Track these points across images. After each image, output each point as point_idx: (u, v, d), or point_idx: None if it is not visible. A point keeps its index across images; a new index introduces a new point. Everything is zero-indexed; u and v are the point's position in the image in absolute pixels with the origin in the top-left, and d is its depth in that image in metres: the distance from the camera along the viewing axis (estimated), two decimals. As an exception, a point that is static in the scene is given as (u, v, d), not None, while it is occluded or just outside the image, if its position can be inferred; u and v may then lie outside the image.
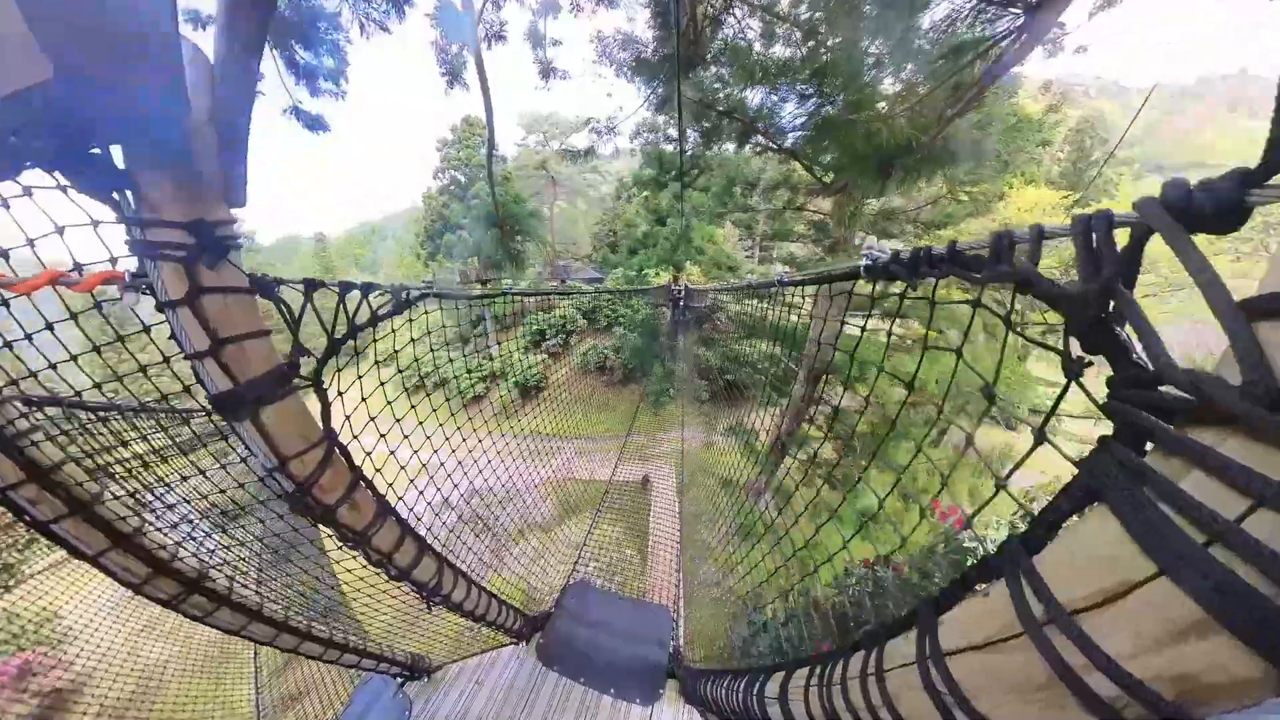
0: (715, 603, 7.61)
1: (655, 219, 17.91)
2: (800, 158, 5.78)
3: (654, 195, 17.80)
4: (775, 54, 4.54)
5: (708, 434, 12.55)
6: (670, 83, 4.94)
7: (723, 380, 17.71)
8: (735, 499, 9.21)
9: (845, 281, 1.14)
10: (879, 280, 0.97)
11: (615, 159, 51.66)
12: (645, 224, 19.45)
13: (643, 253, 20.03)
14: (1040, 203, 10.19)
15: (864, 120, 2.48)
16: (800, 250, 9.58)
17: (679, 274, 18.41)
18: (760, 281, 2.19)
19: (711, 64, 4.89)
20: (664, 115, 10.35)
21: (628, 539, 8.03)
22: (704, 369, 16.40)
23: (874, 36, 3.11)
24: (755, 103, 5.84)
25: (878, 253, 0.95)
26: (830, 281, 1.30)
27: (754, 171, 8.26)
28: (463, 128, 22.73)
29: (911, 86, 2.66)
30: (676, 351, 10.77)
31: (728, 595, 6.96)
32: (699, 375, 16.70)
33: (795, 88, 4.73)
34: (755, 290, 2.35)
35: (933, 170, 2.68)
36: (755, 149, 6.19)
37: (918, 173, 2.72)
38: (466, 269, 23.89)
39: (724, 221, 17.86)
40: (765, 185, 7.77)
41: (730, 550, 7.86)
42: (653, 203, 17.72)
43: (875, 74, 2.97)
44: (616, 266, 23.21)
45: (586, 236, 34.81)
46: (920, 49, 2.45)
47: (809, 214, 7.76)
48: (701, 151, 9.90)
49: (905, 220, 6.97)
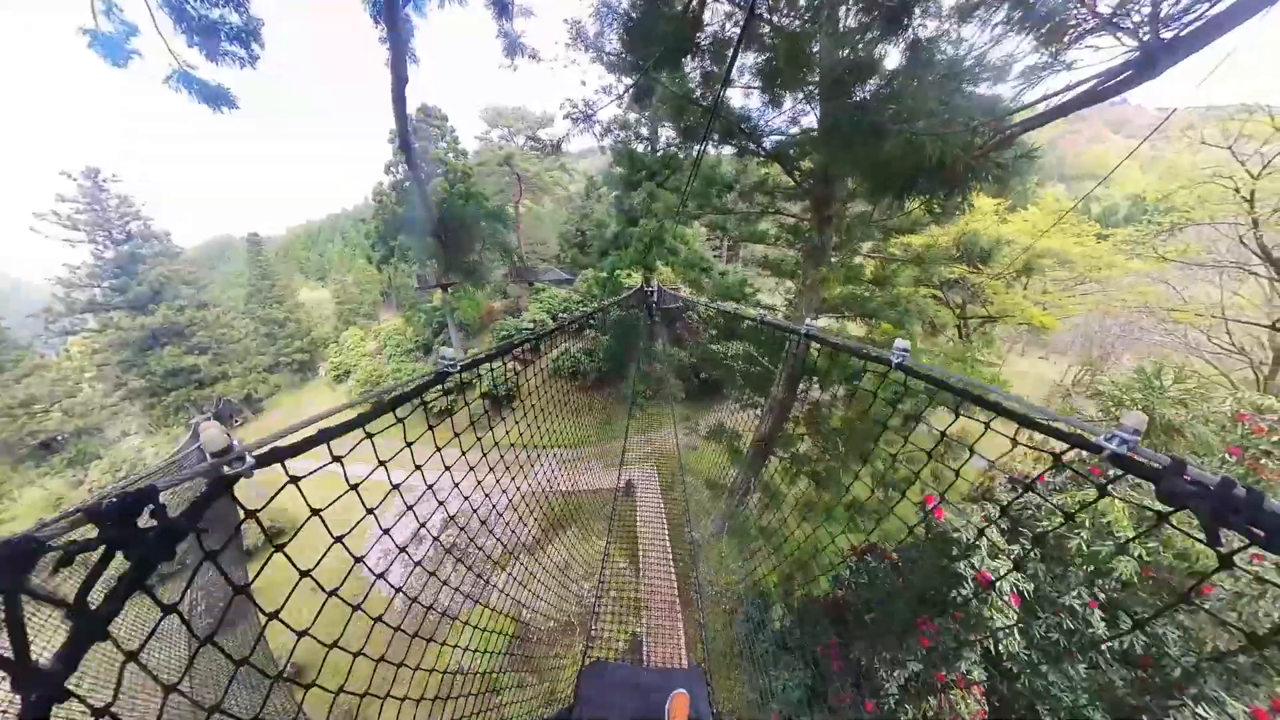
0: (713, 600, 7.55)
1: (627, 219, 17.70)
2: (782, 161, 5.80)
3: (625, 195, 17.58)
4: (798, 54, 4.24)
5: (689, 435, 12.59)
6: (651, 72, 4.67)
7: (698, 379, 17.82)
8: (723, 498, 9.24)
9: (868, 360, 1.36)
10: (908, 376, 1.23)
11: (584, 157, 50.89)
12: (616, 224, 19.19)
13: (614, 254, 19.78)
14: (983, 207, 11.08)
15: (901, 134, 2.38)
16: (773, 252, 9.77)
17: (651, 275, 18.35)
18: (779, 323, 2.10)
19: (706, 53, 4.64)
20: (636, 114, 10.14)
21: (617, 549, 7.84)
22: (680, 369, 16.47)
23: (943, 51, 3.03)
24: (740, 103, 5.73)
25: (902, 350, 1.24)
26: (862, 358, 1.44)
27: (731, 173, 8.30)
28: (419, 117, 21.19)
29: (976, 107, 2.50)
30: (652, 353, 10.68)
31: (725, 594, 6.92)
32: (675, 375, 16.74)
33: (803, 91, 4.61)
34: (769, 325, 2.24)
35: (952, 190, 2.66)
36: (736, 150, 6.13)
37: (931, 191, 2.69)
38: (425, 273, 22.39)
39: (692, 221, 18.00)
40: (743, 188, 7.80)
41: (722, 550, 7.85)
42: (625, 203, 17.49)
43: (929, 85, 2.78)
44: (586, 268, 22.78)
45: (554, 237, 33.98)
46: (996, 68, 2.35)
47: (784, 218, 7.89)
48: (675, 151, 9.82)
49: (874, 226, 7.25)
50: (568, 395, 6.52)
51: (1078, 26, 1.94)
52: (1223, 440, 3.90)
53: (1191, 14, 1.67)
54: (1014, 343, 23.45)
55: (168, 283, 20.96)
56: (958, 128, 2.40)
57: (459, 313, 22.35)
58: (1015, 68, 2.18)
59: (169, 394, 20.04)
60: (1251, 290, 10.85)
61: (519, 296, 25.07)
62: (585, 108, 5.97)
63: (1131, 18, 1.80)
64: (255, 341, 29.80)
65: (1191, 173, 9.52)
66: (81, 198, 19.98)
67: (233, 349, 22.46)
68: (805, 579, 4.45)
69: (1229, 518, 0.62)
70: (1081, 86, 2.05)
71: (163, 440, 19.94)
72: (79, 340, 20.77)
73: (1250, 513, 0.60)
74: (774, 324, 2.24)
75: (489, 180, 25.34)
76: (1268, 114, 8.10)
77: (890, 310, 7.79)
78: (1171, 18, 1.72)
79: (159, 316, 19.99)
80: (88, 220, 19.98)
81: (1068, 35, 1.96)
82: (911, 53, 3.40)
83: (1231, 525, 0.62)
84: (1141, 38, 1.80)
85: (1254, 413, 3.97)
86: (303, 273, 59.47)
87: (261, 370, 24.66)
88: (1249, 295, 11.02)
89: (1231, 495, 0.62)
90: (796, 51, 4.10)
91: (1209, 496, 0.64)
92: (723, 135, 5.75)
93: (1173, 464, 0.73)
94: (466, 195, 19.38)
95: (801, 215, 7.43)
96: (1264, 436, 3.81)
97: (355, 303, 42.00)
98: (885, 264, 8.48)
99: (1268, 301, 10.48)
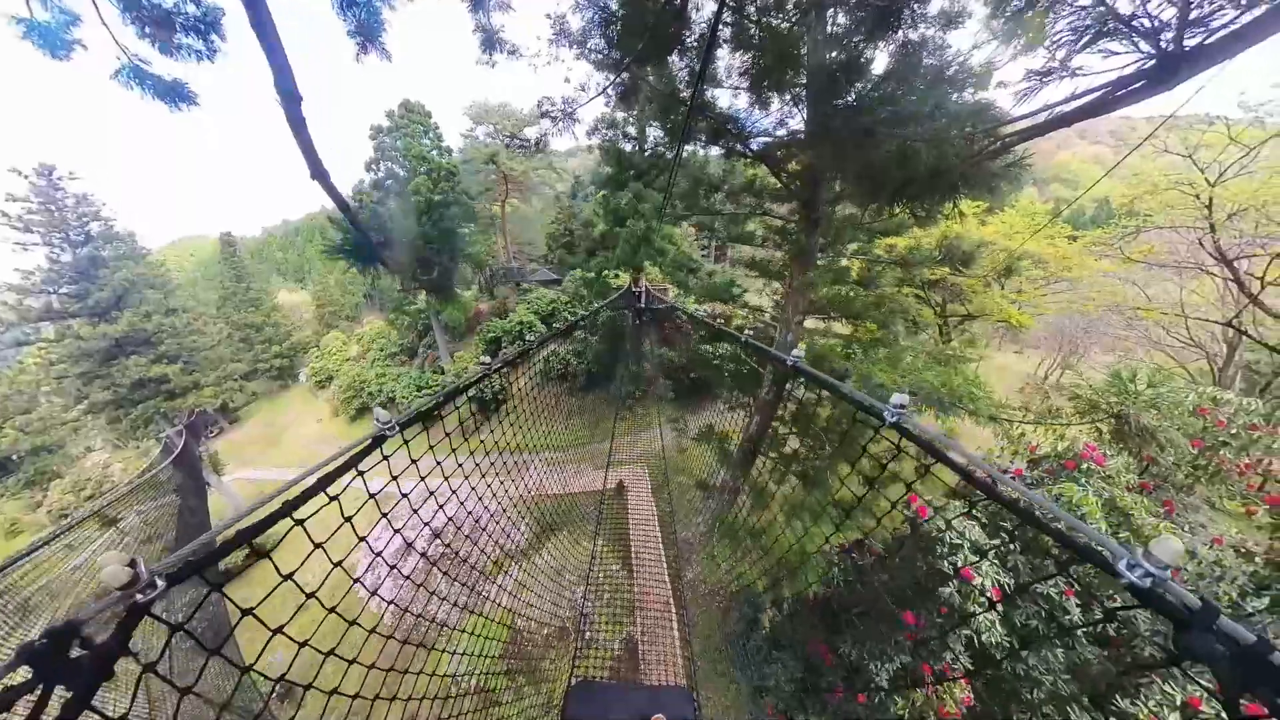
0: (706, 599, 7.56)
1: (615, 219, 17.62)
2: (770, 163, 5.83)
3: (613, 194, 17.50)
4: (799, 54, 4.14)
5: (679, 435, 12.60)
6: (636, 68, 4.57)
7: (688, 379, 17.85)
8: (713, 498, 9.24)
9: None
10: (901, 436, 1.12)
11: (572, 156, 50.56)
12: (604, 224, 19.09)
13: (602, 254, 19.66)
14: (964, 210, 11.42)
15: (894, 139, 2.37)
16: (760, 253, 9.85)
17: (639, 275, 18.31)
18: (768, 350, 2.05)
19: (692, 52, 4.58)
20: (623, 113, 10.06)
21: (610, 551, 7.78)
22: (669, 369, 16.48)
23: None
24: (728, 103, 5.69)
25: (899, 407, 1.12)
26: (853, 404, 1.35)
27: (718, 174, 8.33)
28: (401, 113, 20.65)
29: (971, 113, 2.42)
30: (640, 353, 10.65)
31: (717, 592, 6.95)
32: (665, 375, 16.72)
33: (790, 92, 4.56)
34: (756, 349, 2.20)
35: (945, 197, 2.68)
36: (724, 150, 6.12)
37: (924, 197, 2.71)
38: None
39: (680, 222, 18.03)
40: (731, 189, 7.84)
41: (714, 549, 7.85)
42: (612, 202, 17.42)
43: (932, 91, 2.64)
44: (574, 268, 22.61)
45: (541, 236, 33.63)
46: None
47: (771, 219, 7.96)
48: (663, 151, 9.80)
49: (858, 229, 7.38)
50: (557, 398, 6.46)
51: (1091, 28, 1.73)
52: (1183, 432, 4.11)
53: (1219, 20, 1.49)
54: (990, 339, 24.32)
55: (132, 287, 19.83)
56: (953, 134, 2.38)
57: (444, 315, 21.94)
58: (1017, 73, 2.04)
59: (136, 406, 18.89)
60: (1208, 289, 11.58)
61: (506, 297, 24.74)
62: (565, 106, 5.77)
63: (1153, 20, 1.60)
64: (230, 348, 28.55)
65: (1155, 178, 10.01)
66: (35, 197, 18.81)
67: (206, 356, 21.34)
68: (794, 578, 4.50)
69: (1258, 686, 0.53)
70: (1088, 96, 1.90)
71: (132, 455, 18.94)
72: (34, 351, 19.57)
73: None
74: (762, 349, 2.16)
75: (474, 179, 24.89)
76: (1225, 125, 8.60)
77: (875, 311, 7.94)
78: (1199, 22, 1.53)
79: (123, 324, 18.88)
80: (42, 221, 18.81)
81: (1081, 39, 1.76)
82: (902, 55, 3.41)
83: (1258, 696, 0.53)
84: (1162, 44, 1.60)
85: (1212, 406, 4.20)
86: (280, 274, 57.49)
87: (237, 378, 23.67)
88: (1205, 294, 11.76)
89: (1264, 660, 0.54)
90: (785, 51, 4.11)
91: (1236, 658, 0.56)
92: (710, 136, 5.74)
93: (1204, 610, 0.60)
94: (422, 209, 18.93)
95: (788, 217, 7.51)
96: (1224, 430, 4.05)
97: (337, 305, 40.76)
98: (870, 265, 8.64)
99: (1221, 300, 11.20)
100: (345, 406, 23.71)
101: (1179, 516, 3.68)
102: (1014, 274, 12.71)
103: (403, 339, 24.53)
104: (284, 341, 34.38)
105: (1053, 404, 9.42)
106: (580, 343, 17.47)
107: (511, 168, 26.29)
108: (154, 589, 0.68)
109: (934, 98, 2.48)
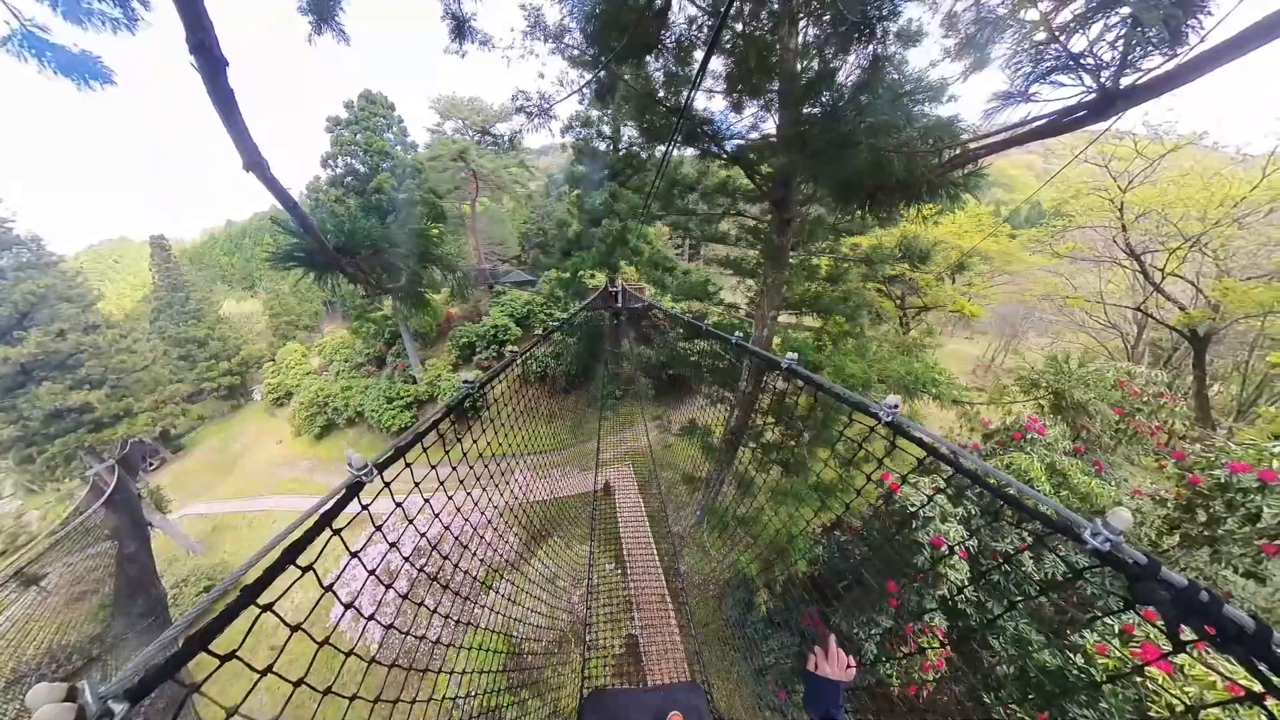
0: (701, 589, 7.74)
1: (589, 219, 17.57)
2: (744, 165, 6.06)
3: (587, 194, 17.44)
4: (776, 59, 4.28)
5: (661, 431, 12.74)
6: (613, 66, 4.58)
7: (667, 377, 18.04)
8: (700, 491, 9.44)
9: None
10: (898, 435, 1.22)
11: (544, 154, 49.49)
12: (578, 224, 18.96)
13: (577, 254, 19.52)
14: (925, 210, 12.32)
15: (869, 148, 2.55)
16: (734, 252, 10.17)
17: (615, 275, 18.34)
18: (761, 353, 2.11)
19: (669, 53, 4.66)
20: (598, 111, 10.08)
21: (602, 551, 7.80)
22: (649, 367, 16.63)
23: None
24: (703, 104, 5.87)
25: (892, 408, 1.21)
26: (848, 405, 1.41)
27: (693, 175, 8.53)
28: (361, 104, 19.50)
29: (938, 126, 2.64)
30: (619, 353, 10.72)
31: (711, 581, 7.14)
32: (645, 374, 16.85)
33: (763, 98, 4.75)
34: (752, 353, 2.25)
35: (909, 203, 2.92)
36: (700, 151, 6.30)
37: (893, 204, 2.94)
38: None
39: (655, 221, 18.22)
40: (705, 189, 8.06)
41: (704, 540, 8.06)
42: (586, 202, 17.36)
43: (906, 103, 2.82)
44: (549, 269, 22.31)
45: (514, 237, 32.89)
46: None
47: (745, 219, 8.26)
48: (638, 151, 9.93)
49: (826, 229, 7.81)
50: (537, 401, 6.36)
51: (1047, 61, 2.02)
52: (1107, 402, 4.73)
53: (1152, 64, 1.74)
54: (944, 326, 26.38)
55: (41, 301, 16.81)
56: (923, 147, 2.64)
57: (413, 321, 21.00)
58: (985, 93, 2.31)
59: (53, 441, 15.52)
60: (1121, 280, 13.29)
61: (479, 300, 24.02)
62: (542, 101, 5.65)
63: (1096, 60, 1.87)
64: (168, 367, 25.55)
65: (1077, 185, 11.33)
66: (-86, 199, 16.01)
67: (139, 378, 18.41)
68: (783, 559, 4.75)
69: (1190, 619, 0.69)
70: (1040, 120, 2.19)
71: (52, 499, 16.20)
72: (-80, 381, 16.68)
73: (1208, 615, 0.68)
74: (757, 353, 2.23)
75: (442, 177, 23.92)
76: (1133, 139, 9.91)
77: (843, 305, 8.42)
78: (1132, 64, 1.79)
79: (30, 345, 15.53)
80: (-81, 229, 16.14)
81: (1038, 68, 2.05)
82: (873, 68, 3.68)
83: (1190, 625, 0.69)
84: (1102, 81, 1.86)
85: (1128, 379, 4.90)
86: (225, 282, 52.82)
87: (179, 401, 21.04)
88: (1119, 284, 13.51)
89: (1195, 599, 0.68)
90: (761, 58, 4.30)
91: (1176, 600, 0.70)
92: (686, 137, 5.90)
93: (1149, 565, 0.73)
94: (392, 205, 17.87)
95: (761, 217, 7.82)
96: (1138, 399, 4.72)
97: (293, 314, 38.00)
98: (838, 263, 9.13)
99: (1132, 289, 12.91)
100: (309, 424, 22.15)
101: (1106, 474, 4.22)
102: (965, 269, 13.87)
103: (369, 348, 23.26)
104: (233, 356, 31.55)
105: (1000, 383, 10.37)
106: (559, 344, 17.32)
107: (482, 165, 25.52)
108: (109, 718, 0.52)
109: (903, 111, 2.74)
